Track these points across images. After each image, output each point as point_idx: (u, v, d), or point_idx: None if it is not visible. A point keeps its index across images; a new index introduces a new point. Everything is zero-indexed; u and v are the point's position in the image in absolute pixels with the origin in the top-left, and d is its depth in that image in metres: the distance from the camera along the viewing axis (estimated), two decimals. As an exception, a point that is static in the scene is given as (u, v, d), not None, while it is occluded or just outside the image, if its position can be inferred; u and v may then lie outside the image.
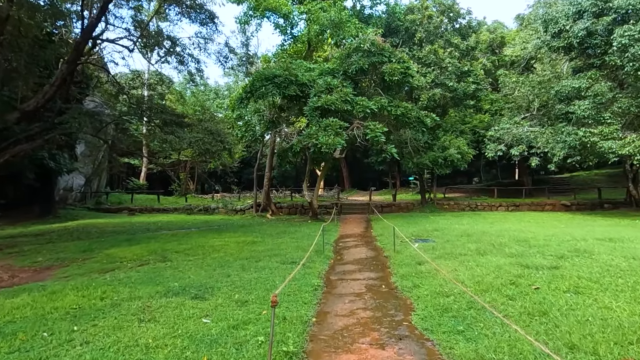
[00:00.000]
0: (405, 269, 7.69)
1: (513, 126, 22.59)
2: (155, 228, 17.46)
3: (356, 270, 7.95)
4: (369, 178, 51.67)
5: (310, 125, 16.65)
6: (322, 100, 16.47)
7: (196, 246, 11.03)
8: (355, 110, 16.87)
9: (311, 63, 20.61)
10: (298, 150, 16.54)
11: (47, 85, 13.71)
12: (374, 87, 19.37)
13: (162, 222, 19.88)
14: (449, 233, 12.81)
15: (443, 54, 22.40)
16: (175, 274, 7.61)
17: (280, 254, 9.56)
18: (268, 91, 17.18)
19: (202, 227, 17.51)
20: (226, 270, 7.72)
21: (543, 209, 25.01)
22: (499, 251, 9.03)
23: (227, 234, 13.88)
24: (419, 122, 19.09)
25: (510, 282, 6.17)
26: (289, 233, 14.17)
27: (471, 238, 11.28)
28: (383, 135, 16.56)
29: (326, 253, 9.89)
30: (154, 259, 9.55)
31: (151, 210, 25.36)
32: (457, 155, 22.16)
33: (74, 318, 5.06)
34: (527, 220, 17.88)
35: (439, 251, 9.36)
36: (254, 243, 11.61)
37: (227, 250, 10.41)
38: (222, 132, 15.75)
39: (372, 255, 9.86)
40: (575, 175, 40.04)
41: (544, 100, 23.06)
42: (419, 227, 14.97)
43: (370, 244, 11.89)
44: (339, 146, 15.81)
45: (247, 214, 24.36)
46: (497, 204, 25.39)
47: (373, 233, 14.40)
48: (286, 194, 31.20)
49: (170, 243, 11.79)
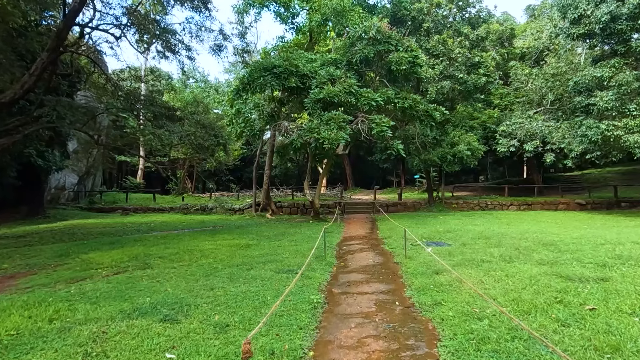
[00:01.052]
0: (420, 279, 6.53)
1: (526, 120, 21.36)
2: (147, 229, 16.38)
3: (363, 281, 6.79)
4: (373, 176, 50.49)
5: (312, 119, 15.50)
6: (325, 91, 15.31)
7: (184, 250, 9.92)
8: (359, 102, 15.70)
9: (313, 54, 19.44)
10: (298, 146, 15.39)
11: (26, 75, 12.63)
12: (379, 79, 18.18)
13: (155, 223, 18.80)
14: (464, 235, 11.64)
15: (452, 44, 21.16)
16: (151, 285, 6.49)
17: (276, 260, 8.42)
18: (267, 82, 16.03)
19: (196, 228, 16.41)
20: (211, 281, 6.59)
21: (557, 208, 23.78)
22: (527, 257, 7.86)
23: (221, 236, 12.76)
24: (427, 116, 17.86)
25: (555, 299, 5.00)
26: (288, 235, 13.04)
27: (490, 241, 10.11)
28: (389, 129, 15.37)
29: (328, 259, 8.74)
30: (133, 265, 8.44)
31: (146, 210, 24.32)
32: (467, 151, 20.96)
33: (4, 351, 3.94)
34: (545, 220, 16.67)
35: (457, 257, 8.19)
36: (248, 247, 10.48)
37: (217, 255, 9.28)
38: (216, 125, 14.62)
39: (381, 261, 8.71)
40: (586, 172, 38.64)
41: (559, 93, 21.79)
42: (429, 228, 13.80)
43: (377, 247, 10.74)
44: (343, 141, 14.65)
45: (246, 214, 23.27)
46: (508, 203, 24.17)
47: (379, 235, 13.24)
48: (287, 192, 30.07)
49: (156, 246, 10.69)
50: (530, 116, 21.42)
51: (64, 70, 17.93)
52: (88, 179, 27.61)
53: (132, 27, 14.25)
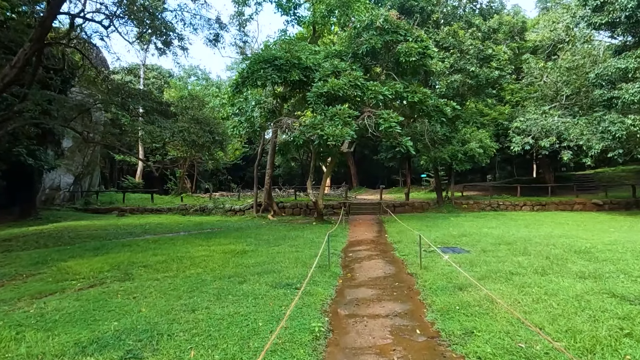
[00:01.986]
0: (442, 297, 5.51)
1: (541, 116, 20.21)
2: (140, 231, 15.46)
3: (374, 299, 5.78)
4: (378, 176, 49.36)
5: (315, 114, 14.49)
6: (328, 85, 14.29)
7: (173, 258, 8.95)
8: (366, 96, 14.67)
9: (316, 47, 18.43)
10: (301, 143, 14.37)
11: (7, 67, 11.72)
12: (386, 72, 17.12)
13: (150, 225, 17.87)
14: (482, 240, 10.60)
15: (464, 35, 20.02)
16: (124, 304, 5.51)
17: (273, 271, 7.43)
18: (267, 75, 15.02)
19: (192, 231, 15.47)
20: (195, 299, 5.60)
21: (572, 209, 22.63)
22: (562, 268, 6.81)
23: (217, 240, 11.79)
24: (437, 111, 16.78)
25: (620, 330, 3.96)
26: (289, 239, 12.04)
27: (514, 248, 9.06)
28: (398, 125, 14.31)
29: (332, 269, 7.72)
30: (112, 276, 7.47)
31: (143, 211, 23.40)
32: (478, 149, 19.85)
33: None
34: (565, 222, 15.57)
35: (481, 267, 7.16)
36: (245, 254, 9.49)
37: (208, 264, 8.30)
38: (212, 121, 13.62)
39: (392, 271, 7.68)
40: (599, 171, 37.31)
41: (576, 87, 20.64)
42: (442, 232, 12.76)
43: (386, 253, 9.72)
44: (348, 138, 13.63)
45: (247, 215, 22.30)
46: (520, 203, 23.05)
47: (388, 239, 12.21)
48: (290, 192, 29.06)
49: (144, 253, 9.73)
50: (546, 111, 20.26)
51: (55, 64, 17.07)
52: (85, 179, 26.75)
53: (122, 17, 13.32)
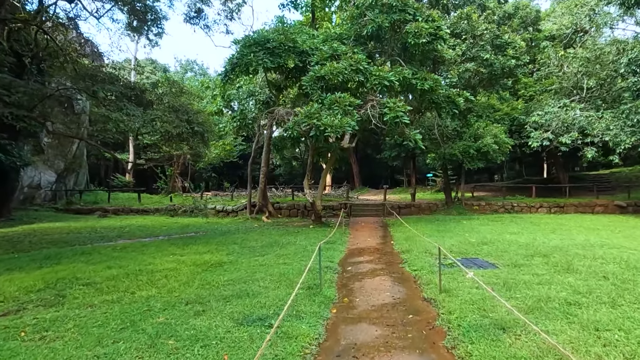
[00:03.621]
0: (481, 346, 3.74)
1: (561, 110, 18.38)
2: (115, 235, 13.76)
3: (380, 347, 4.00)
4: (381, 175, 47.52)
5: (311, 103, 12.73)
6: (326, 68, 12.53)
7: (129, 272, 7.20)
8: (369, 82, 12.89)
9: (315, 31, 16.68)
10: (295, 136, 12.60)
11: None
12: (391, 58, 15.34)
13: (131, 227, 16.16)
14: (508, 249, 8.82)
15: (478, 19, 18.20)
16: (13, 353, 3.77)
17: (247, 294, 5.68)
18: (258, 59, 13.29)
19: (173, 235, 13.74)
20: (116, 348, 3.85)
21: (593, 211, 20.76)
22: (633, 294, 5.03)
23: (194, 248, 10.06)
24: (449, 102, 15.00)
25: None
26: (279, 246, 10.29)
27: (552, 261, 7.28)
28: (406, 115, 12.52)
29: (325, 291, 5.95)
30: (40, 299, 5.75)
31: (128, 212, 21.70)
32: (493, 145, 18.04)
33: None
34: (594, 227, 13.74)
35: (521, 291, 5.38)
36: (220, 267, 7.74)
37: (169, 281, 6.56)
38: (191, 110, 11.90)
39: (403, 295, 5.92)
40: (615, 171, 35.31)
41: (600, 79, 18.79)
42: (457, 238, 10.98)
43: (394, 266, 7.95)
44: (349, 129, 11.85)
45: (240, 216, 20.57)
46: (536, 205, 21.20)
47: (395, 247, 10.44)
48: (287, 192, 27.31)
49: (98, 265, 8.00)
50: (567, 104, 18.42)
51: (27, 50, 15.41)
52: (69, 177, 25.09)
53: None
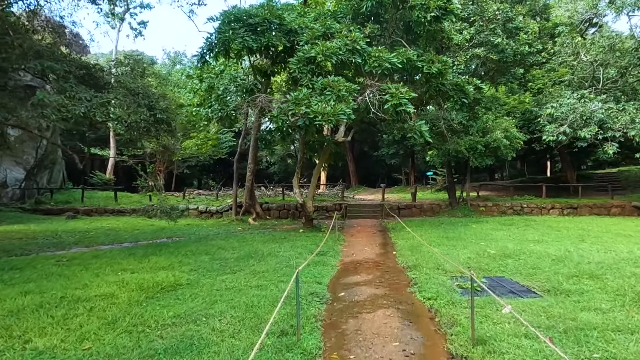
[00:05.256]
0: None
1: (579, 101, 16.63)
2: (74, 241, 11.87)
3: None
4: (378, 174, 45.75)
5: (299, 88, 10.89)
6: (318, 48, 10.68)
7: (47, 302, 5.32)
8: (368, 65, 11.05)
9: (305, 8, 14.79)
10: (281, 126, 10.75)
11: None
12: (392, 39, 13.49)
13: (97, 231, 14.25)
14: (539, 265, 7.04)
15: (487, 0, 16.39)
16: None
17: (189, 346, 3.82)
18: (237, 37, 11.42)
19: (141, 241, 11.88)
20: None
21: (609, 212, 19.12)
22: None
23: (154, 260, 8.20)
24: (457, 90, 13.20)
25: None
26: (256, 258, 8.45)
27: (609, 286, 5.50)
28: (410, 103, 10.69)
29: (305, 341, 4.07)
30: None
31: (102, 212, 19.78)
32: (504, 140, 16.28)
33: None
34: (624, 231, 12.01)
35: (596, 345, 3.58)
36: (173, 291, 5.87)
37: (90, 318, 4.70)
38: (153, 93, 10.02)
39: (420, 349, 4.07)
40: (623, 170, 33.70)
41: (622, 67, 17.06)
42: (472, 248, 9.20)
43: (400, 291, 6.12)
44: (344, 117, 9.99)
45: (225, 218, 18.73)
46: (548, 206, 19.53)
47: (398, 259, 8.62)
48: (278, 191, 25.44)
49: (13, 288, 6.11)
50: (585, 95, 16.67)
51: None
52: (41, 174, 23.10)
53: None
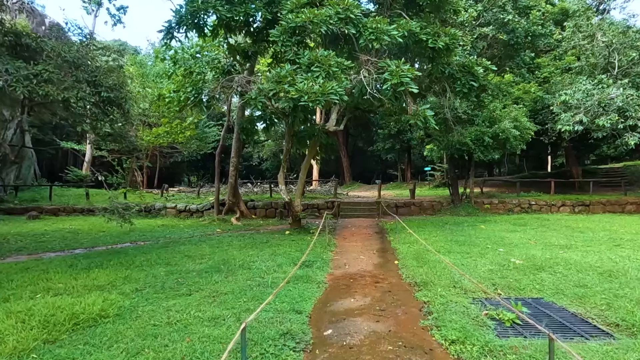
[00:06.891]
0: None
1: (596, 88, 15.05)
2: (19, 247, 10.08)
3: None
4: (373, 170, 44.18)
5: (282, 64, 9.12)
6: (304, 16, 8.91)
7: None
8: (363, 38, 9.29)
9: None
10: (261, 109, 9.00)
11: None
12: (390, 12, 11.73)
13: (54, 234, 12.37)
14: (586, 282, 5.39)
15: (497, -27, 14.77)
16: None
17: None
18: (208, 7, 9.61)
19: (98, 246, 10.11)
20: None
21: (624, 210, 17.61)
22: None
23: (93, 275, 6.44)
24: (465, 72, 11.51)
25: None
26: (224, 271, 6.71)
27: None
28: (413, 82, 8.96)
29: None
30: None
31: (71, 211, 17.89)
32: (513, 130, 14.66)
33: None
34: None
35: None
36: (90, 328, 4.10)
37: None
38: (98, 67, 8.16)
39: None
40: (629, 164, 32.32)
41: (642, 50, 15.49)
42: (490, 257, 7.53)
43: (410, 327, 4.43)
44: (335, 98, 8.24)
45: (206, 217, 16.94)
46: (558, 204, 17.93)
47: (402, 273, 6.92)
48: (265, 188, 23.66)
49: None
50: (603, 81, 15.08)
51: None
52: (7, 170, 21.15)
53: None
